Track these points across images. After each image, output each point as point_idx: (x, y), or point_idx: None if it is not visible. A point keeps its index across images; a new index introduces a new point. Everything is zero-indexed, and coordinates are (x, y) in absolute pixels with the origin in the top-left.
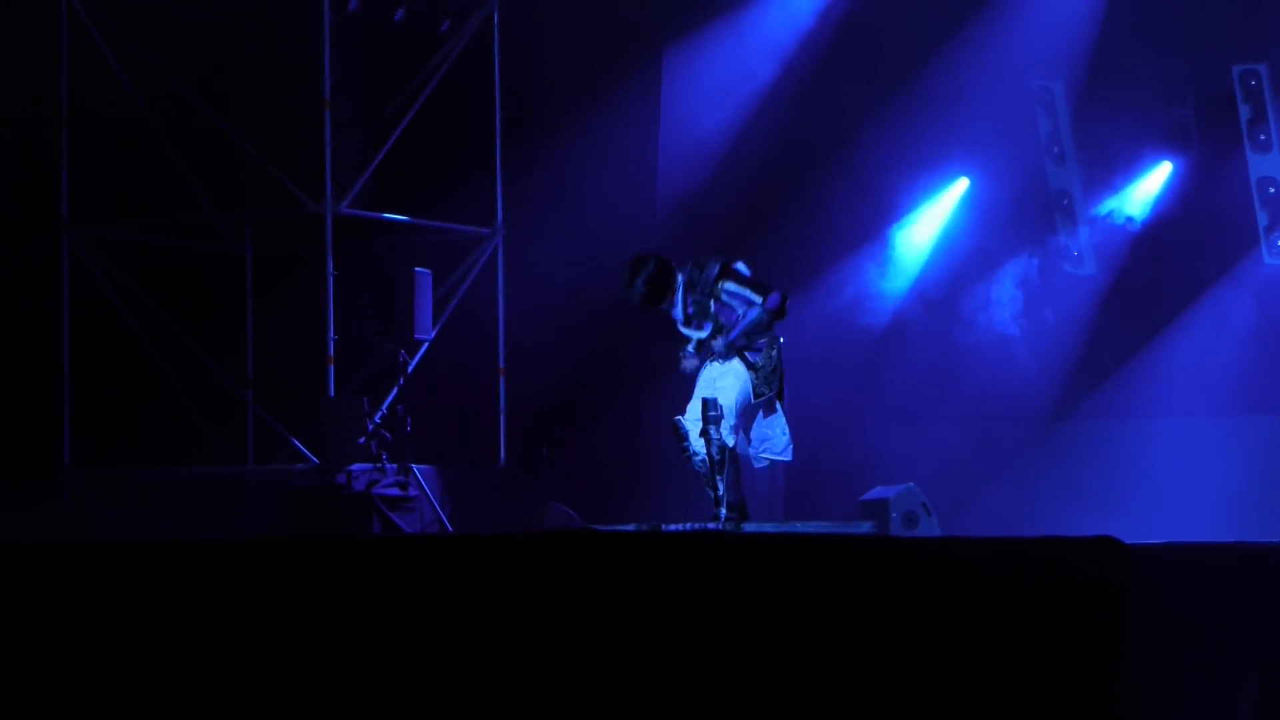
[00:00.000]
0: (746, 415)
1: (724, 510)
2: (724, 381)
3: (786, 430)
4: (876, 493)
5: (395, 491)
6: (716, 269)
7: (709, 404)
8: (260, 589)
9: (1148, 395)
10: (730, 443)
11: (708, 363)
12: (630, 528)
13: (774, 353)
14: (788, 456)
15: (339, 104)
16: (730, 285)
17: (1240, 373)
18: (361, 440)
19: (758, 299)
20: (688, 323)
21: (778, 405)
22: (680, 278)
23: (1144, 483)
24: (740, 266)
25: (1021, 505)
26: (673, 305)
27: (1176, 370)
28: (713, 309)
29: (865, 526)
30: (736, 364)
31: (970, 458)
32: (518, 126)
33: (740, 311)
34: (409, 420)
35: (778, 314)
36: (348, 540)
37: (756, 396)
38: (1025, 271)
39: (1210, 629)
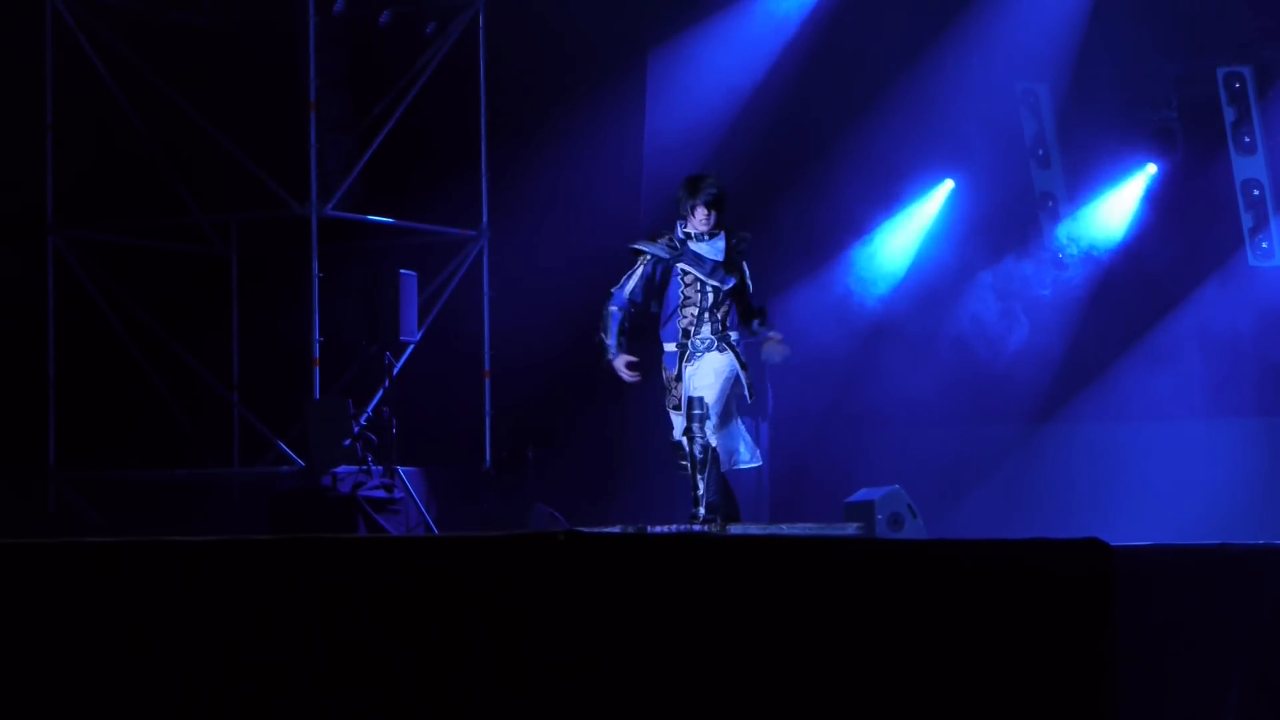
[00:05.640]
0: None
1: (702, 510)
2: (703, 380)
3: (746, 435)
4: (862, 495)
5: (380, 494)
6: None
7: (694, 403)
8: (244, 591)
9: (1133, 397)
10: (714, 443)
11: (701, 354)
12: (615, 529)
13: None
14: (757, 462)
15: (324, 106)
16: (747, 274)
17: (1226, 375)
18: (347, 443)
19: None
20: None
21: (734, 412)
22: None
23: (1129, 485)
24: None
25: (1007, 507)
26: (706, 224)
27: (1162, 372)
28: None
29: (850, 528)
30: (714, 362)
31: (956, 460)
32: (503, 129)
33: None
34: (394, 422)
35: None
36: (333, 542)
37: (752, 396)
38: (1010, 273)
39: (1194, 631)
